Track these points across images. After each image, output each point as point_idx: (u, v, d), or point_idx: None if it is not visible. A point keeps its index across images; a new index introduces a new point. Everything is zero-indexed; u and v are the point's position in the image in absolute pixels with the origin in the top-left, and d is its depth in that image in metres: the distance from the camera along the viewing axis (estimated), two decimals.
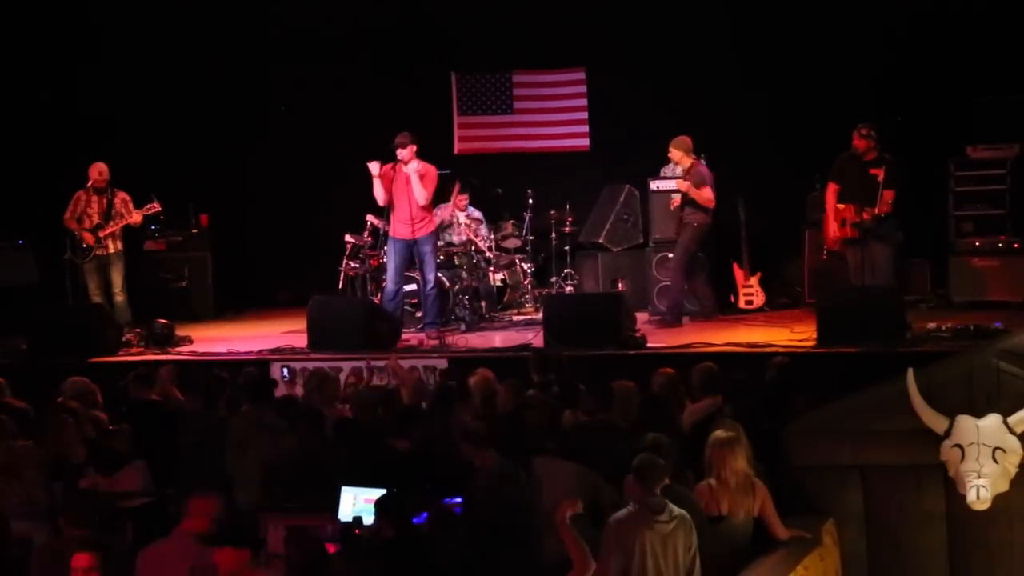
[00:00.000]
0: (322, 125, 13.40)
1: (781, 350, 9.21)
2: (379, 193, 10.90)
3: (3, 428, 7.28)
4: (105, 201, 11.50)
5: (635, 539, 5.70)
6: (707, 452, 6.35)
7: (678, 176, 11.39)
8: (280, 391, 9.04)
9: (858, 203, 10.45)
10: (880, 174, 10.37)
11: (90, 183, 11.50)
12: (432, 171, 10.98)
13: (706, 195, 11.09)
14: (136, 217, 11.54)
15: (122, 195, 11.57)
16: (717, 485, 6.29)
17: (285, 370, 9.75)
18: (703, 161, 11.39)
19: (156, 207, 11.58)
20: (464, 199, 12.31)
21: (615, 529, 5.78)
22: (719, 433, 6.38)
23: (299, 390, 9.10)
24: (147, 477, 7.36)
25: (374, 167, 10.81)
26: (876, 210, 10.33)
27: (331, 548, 6.06)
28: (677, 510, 5.77)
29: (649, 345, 9.89)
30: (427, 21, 13.27)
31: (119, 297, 11.51)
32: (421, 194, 10.80)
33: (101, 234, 11.44)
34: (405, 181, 10.86)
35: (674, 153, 11.26)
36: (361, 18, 13.41)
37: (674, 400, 7.63)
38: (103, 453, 7.32)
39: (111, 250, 11.52)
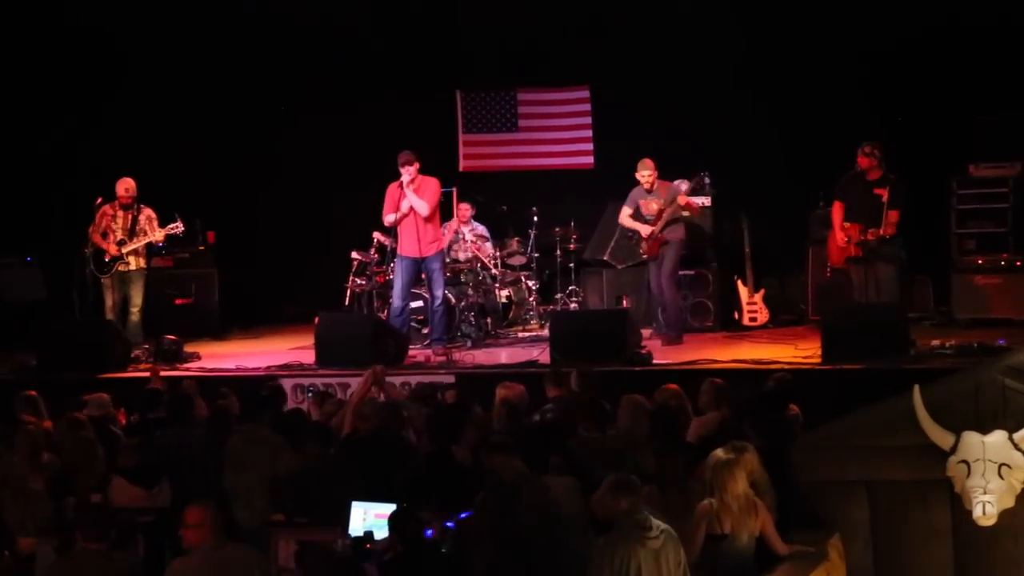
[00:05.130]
0: (328, 142, 13.48)
1: (786, 366, 9.26)
2: (391, 220, 10.98)
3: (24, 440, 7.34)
4: (130, 217, 11.56)
5: (626, 557, 5.64)
6: (707, 473, 6.36)
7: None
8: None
9: (863, 223, 10.53)
10: (884, 194, 10.44)
11: (116, 199, 11.54)
12: (431, 182, 11.02)
13: (696, 203, 11.16)
14: (158, 236, 11.60)
15: (147, 211, 11.64)
16: (719, 505, 6.30)
17: (310, 393, 9.77)
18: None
19: (179, 227, 11.63)
20: (465, 209, 12.37)
21: (604, 549, 5.74)
22: (719, 454, 6.38)
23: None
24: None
25: (390, 219, 10.89)
26: (881, 231, 10.40)
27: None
28: (663, 525, 5.74)
29: (655, 362, 9.94)
30: (432, 40, 13.35)
31: (135, 316, 11.55)
32: (421, 205, 10.85)
33: (124, 249, 11.48)
34: None
35: (653, 174, 11.24)
36: (367, 37, 13.50)
37: (680, 415, 7.68)
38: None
39: (133, 267, 11.58)
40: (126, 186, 11.57)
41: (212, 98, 13.48)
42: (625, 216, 11.45)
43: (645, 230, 11.18)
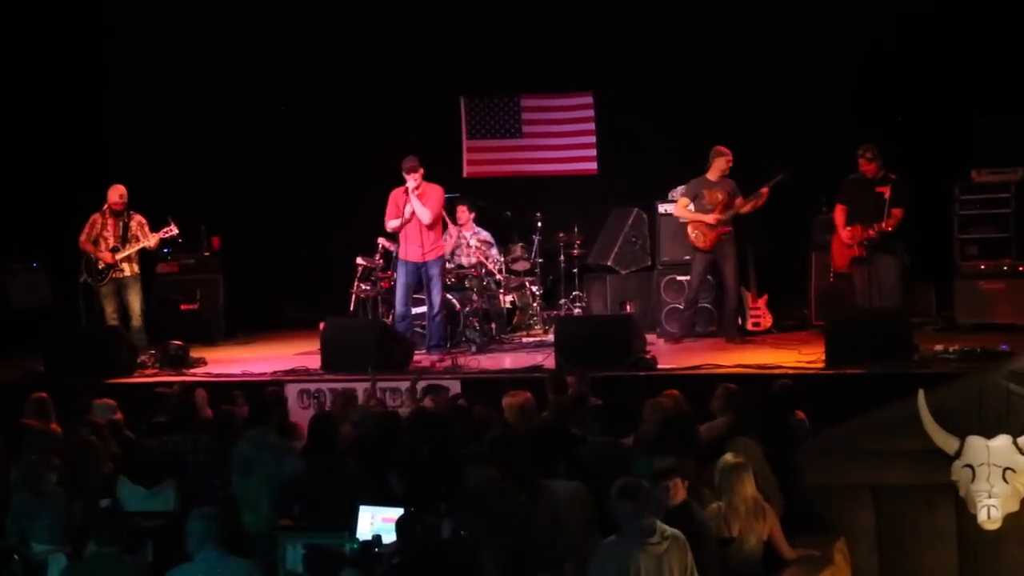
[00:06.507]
0: (332, 148, 13.52)
1: (790, 371, 9.29)
2: (395, 225, 11.02)
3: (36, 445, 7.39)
4: (121, 224, 11.53)
5: (626, 562, 5.67)
6: (716, 477, 6.45)
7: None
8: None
9: (866, 222, 10.58)
10: (887, 192, 10.51)
11: (108, 205, 11.52)
12: (435, 189, 11.08)
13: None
14: (152, 240, 11.57)
15: (138, 218, 11.61)
16: (728, 509, 6.37)
17: (316, 398, 9.82)
18: None
19: (173, 230, 11.58)
20: (464, 212, 12.41)
21: (603, 552, 5.78)
22: (728, 458, 6.47)
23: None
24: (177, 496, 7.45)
25: (393, 224, 10.97)
26: (884, 225, 10.45)
27: None
28: (669, 530, 5.76)
29: (659, 367, 9.97)
30: (436, 46, 13.40)
31: (136, 322, 11.52)
32: (424, 213, 10.92)
33: (117, 256, 11.49)
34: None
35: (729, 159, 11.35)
36: (371, 43, 13.55)
37: (691, 419, 7.71)
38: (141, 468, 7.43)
39: (127, 273, 11.54)
40: (120, 192, 11.53)
41: (217, 104, 13.50)
42: (682, 207, 11.39)
43: (710, 218, 11.20)
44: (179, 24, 13.32)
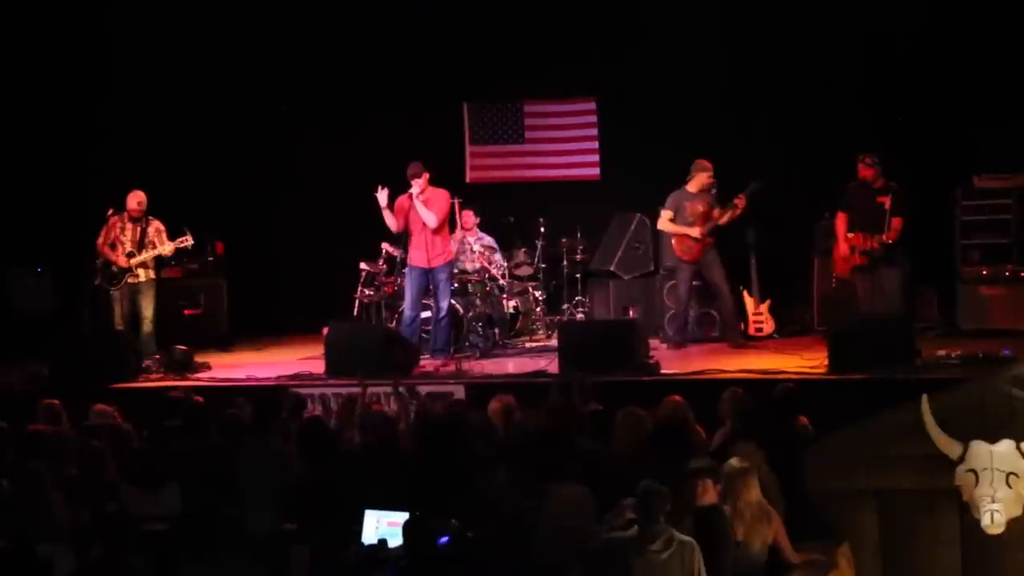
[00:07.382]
0: (336, 154, 13.55)
1: (793, 376, 9.32)
2: (390, 222, 11.06)
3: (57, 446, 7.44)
4: (139, 229, 11.52)
5: (623, 566, 5.68)
6: (721, 481, 6.47)
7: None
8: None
9: (867, 231, 10.63)
10: (887, 202, 10.55)
11: (126, 211, 11.49)
12: (440, 194, 11.10)
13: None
14: (169, 248, 11.52)
15: (156, 224, 11.58)
16: (732, 513, 6.38)
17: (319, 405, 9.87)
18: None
19: (189, 241, 11.56)
20: (469, 217, 12.44)
21: (604, 552, 5.79)
22: (733, 463, 6.49)
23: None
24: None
25: (382, 197, 10.91)
26: (884, 237, 10.50)
27: None
28: (679, 538, 5.75)
29: (663, 372, 10.00)
30: (440, 52, 13.44)
31: (147, 328, 11.49)
32: (429, 217, 10.94)
33: (133, 261, 11.47)
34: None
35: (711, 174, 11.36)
36: (374, 48, 13.59)
37: (684, 426, 7.74)
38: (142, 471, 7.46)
39: (142, 278, 11.51)
40: (138, 199, 11.51)
41: (221, 109, 13.55)
42: (666, 221, 11.47)
43: (695, 231, 11.25)
44: (184, 31, 13.36)
